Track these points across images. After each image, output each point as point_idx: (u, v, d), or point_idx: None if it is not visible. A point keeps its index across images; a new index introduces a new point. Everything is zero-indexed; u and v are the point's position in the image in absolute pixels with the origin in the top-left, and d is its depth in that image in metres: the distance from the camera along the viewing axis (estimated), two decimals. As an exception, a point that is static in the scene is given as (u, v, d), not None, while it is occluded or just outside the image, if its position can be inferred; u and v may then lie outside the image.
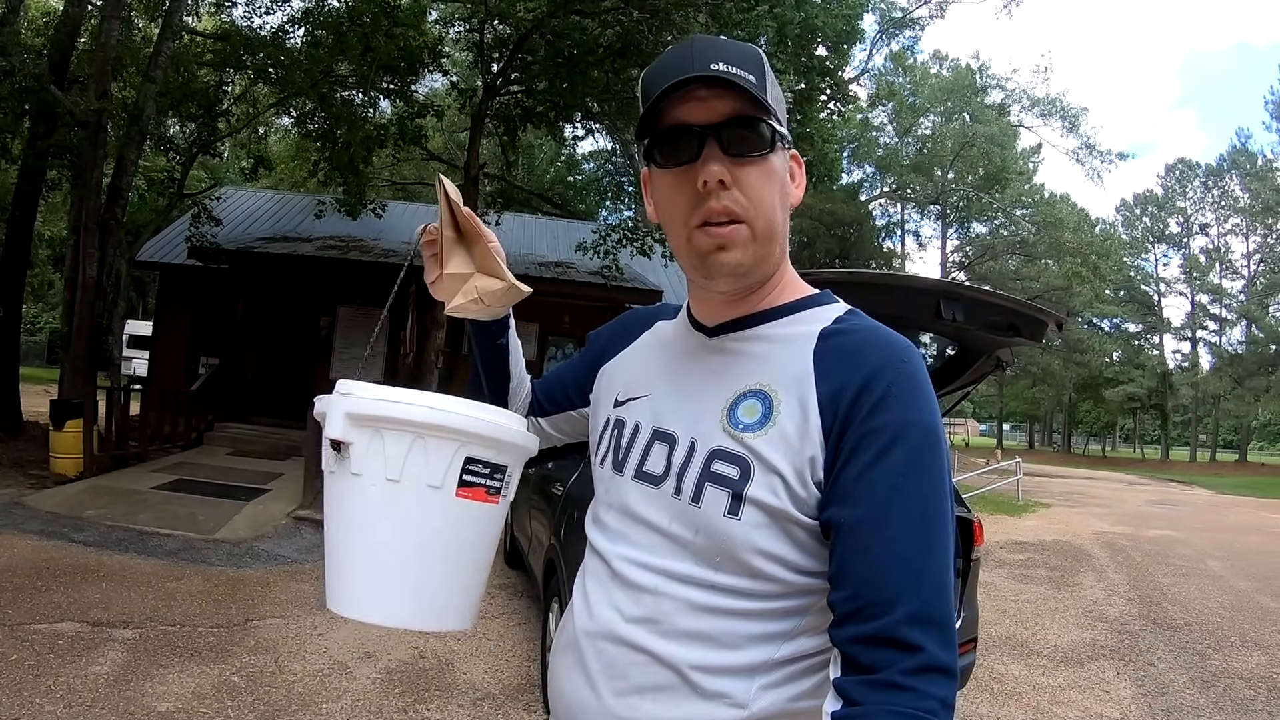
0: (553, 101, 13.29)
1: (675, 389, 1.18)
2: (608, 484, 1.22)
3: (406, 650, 5.41)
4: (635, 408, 1.22)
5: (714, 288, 1.13)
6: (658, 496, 1.12)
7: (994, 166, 43.30)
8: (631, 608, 1.09)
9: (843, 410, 1.01)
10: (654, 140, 1.10)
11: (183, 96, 14.03)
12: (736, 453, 1.05)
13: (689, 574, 1.06)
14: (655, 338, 1.31)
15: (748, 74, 1.05)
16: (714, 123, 1.05)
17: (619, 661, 1.08)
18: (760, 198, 1.07)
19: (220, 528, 8.07)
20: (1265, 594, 9.54)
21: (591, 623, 1.13)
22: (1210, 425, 64.42)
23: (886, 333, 1.09)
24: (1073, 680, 6.01)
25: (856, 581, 0.95)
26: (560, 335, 16.62)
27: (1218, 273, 59.72)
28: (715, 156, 1.04)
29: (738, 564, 1.04)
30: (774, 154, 1.08)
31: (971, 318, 3.50)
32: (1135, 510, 20.95)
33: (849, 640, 0.94)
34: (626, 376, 1.29)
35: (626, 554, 1.13)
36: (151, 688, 4.36)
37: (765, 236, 1.08)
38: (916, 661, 0.90)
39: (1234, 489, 35.01)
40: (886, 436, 0.98)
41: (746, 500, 1.03)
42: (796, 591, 1.04)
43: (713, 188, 1.04)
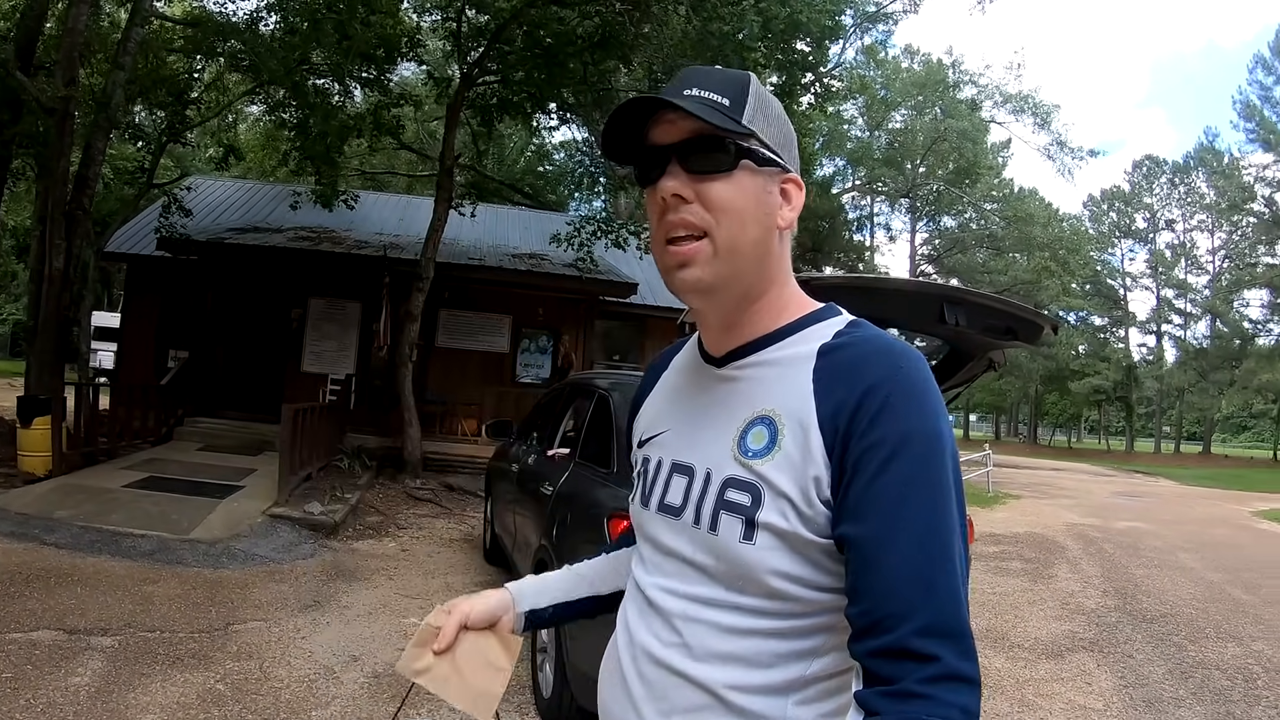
0: (529, 92, 13.18)
1: (690, 422, 1.21)
2: (639, 519, 1.26)
3: (392, 653, 5.30)
4: (657, 444, 1.26)
5: (687, 304, 1.17)
6: (679, 527, 1.14)
7: (965, 161, 43.70)
8: (667, 634, 1.12)
9: (843, 427, 1.01)
10: (636, 163, 1.15)
11: (152, 84, 13.79)
12: (747, 480, 1.07)
13: (715, 598, 1.09)
14: (673, 375, 1.33)
15: (721, 97, 1.09)
16: (675, 142, 1.10)
17: (659, 684, 1.11)
18: (723, 212, 1.08)
19: (195, 527, 7.90)
20: (1236, 586, 9.73)
21: (633, 648, 1.17)
22: (1174, 417, 65.44)
23: (885, 342, 1.09)
24: (1055, 672, 6.12)
25: (870, 596, 0.95)
26: (534, 328, 16.55)
27: (1183, 268, 60.78)
28: (673, 173, 1.09)
29: (759, 586, 1.05)
30: (741, 171, 1.09)
31: (972, 322, 3.52)
32: (1103, 502, 21.30)
33: (866, 654, 0.94)
34: (649, 417, 1.32)
35: (659, 583, 1.16)
36: (135, 698, 4.23)
37: (729, 252, 1.09)
38: (933, 670, 0.90)
39: (1198, 480, 35.60)
40: (888, 448, 0.98)
41: (759, 526, 1.04)
42: (820, 609, 1.05)
43: (671, 202, 1.09)
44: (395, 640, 5.58)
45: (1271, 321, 54.13)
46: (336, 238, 15.35)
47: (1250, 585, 9.84)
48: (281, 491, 9.16)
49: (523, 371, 16.45)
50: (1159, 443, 65.45)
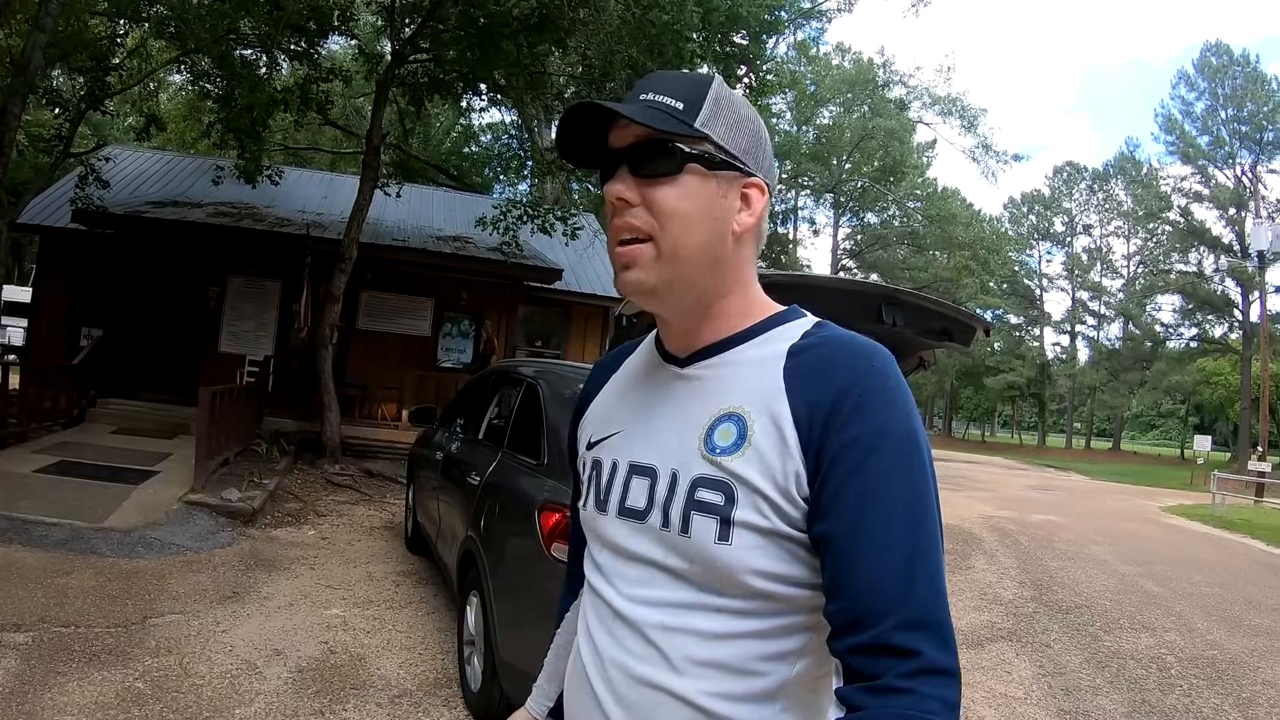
0: (461, 72, 12.98)
1: (647, 422, 1.18)
2: (594, 524, 1.21)
3: (315, 646, 5.20)
4: (608, 446, 1.22)
5: (640, 305, 1.15)
6: (645, 530, 1.11)
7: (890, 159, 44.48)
8: (641, 647, 1.08)
9: (818, 426, 1.00)
10: (599, 165, 1.15)
11: (73, 47, 13.26)
12: (718, 478, 1.04)
13: (692, 602, 1.05)
14: (625, 376, 1.30)
15: (675, 101, 1.08)
16: (624, 146, 1.09)
17: (640, 704, 1.07)
18: (668, 216, 1.07)
19: (109, 515, 7.63)
20: (1147, 579, 10.04)
21: (604, 667, 1.12)
22: (1085, 414, 67.52)
23: (856, 342, 1.08)
24: (975, 662, 6.21)
25: (849, 593, 0.95)
26: (457, 311, 16.38)
27: (1099, 272, 62.81)
28: (620, 177, 1.09)
29: (738, 587, 1.03)
30: (688, 176, 1.08)
31: (910, 323, 3.54)
32: (1017, 495, 21.86)
33: (846, 651, 0.94)
34: (598, 419, 1.29)
35: (627, 592, 1.11)
36: (51, 699, 4.06)
37: (672, 255, 1.08)
38: (914, 665, 0.90)
39: (1109, 476, 36.79)
40: (863, 447, 0.98)
41: (735, 524, 1.02)
42: (801, 607, 1.04)
43: (618, 206, 1.09)
44: (317, 632, 5.47)
45: (1182, 326, 56.23)
46: (258, 214, 14.95)
47: (1161, 578, 10.16)
48: (198, 477, 8.92)
49: (444, 356, 16.27)
50: (1070, 438, 67.50)
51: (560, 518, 3.83)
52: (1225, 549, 13.92)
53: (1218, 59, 49.54)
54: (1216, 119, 49.71)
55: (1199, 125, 50.60)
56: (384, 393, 15.29)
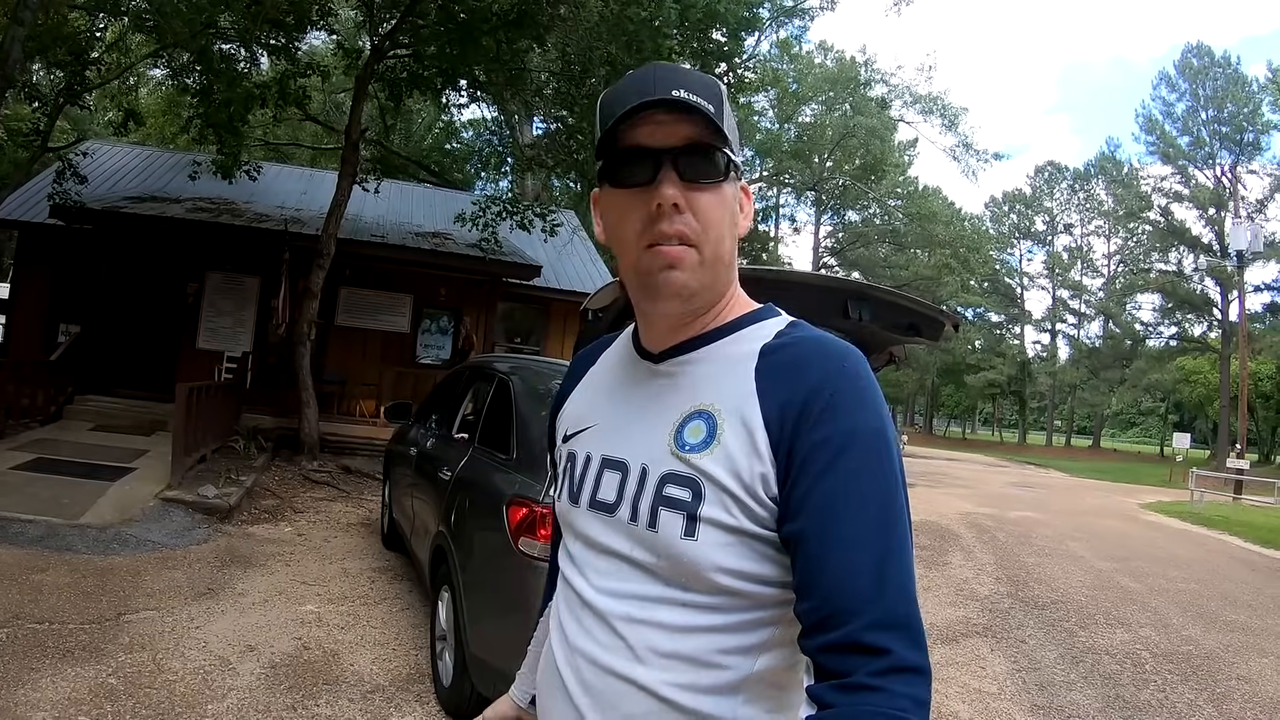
0: (440, 68, 12.95)
1: (621, 416, 1.19)
2: (567, 516, 1.22)
3: (289, 642, 5.22)
4: (583, 439, 1.23)
5: (659, 310, 1.14)
6: (615, 524, 1.12)
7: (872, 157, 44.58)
8: (607, 638, 1.09)
9: (789, 425, 1.01)
10: (612, 161, 1.10)
11: (52, 41, 13.16)
12: (686, 474, 1.06)
13: (658, 595, 1.07)
14: (603, 370, 1.31)
15: (707, 103, 1.06)
16: (672, 147, 1.06)
17: (606, 692, 1.08)
18: (711, 224, 1.08)
19: (85, 511, 7.61)
20: (1124, 574, 10.09)
21: (572, 655, 1.13)
22: (1066, 412, 67.84)
23: (827, 342, 1.09)
24: (950, 657, 6.26)
25: (819, 592, 0.95)
26: (435, 308, 16.27)
27: (1079, 270, 63.19)
28: (671, 180, 1.06)
29: (703, 582, 1.04)
30: (727, 183, 1.10)
31: (877, 318, 3.58)
32: (997, 491, 21.92)
33: (817, 649, 0.95)
34: (575, 412, 1.30)
35: (596, 583, 1.13)
36: (24, 695, 4.06)
37: (713, 262, 1.09)
38: (884, 663, 0.90)
39: (1088, 473, 36.96)
40: (834, 447, 0.99)
41: (701, 521, 1.03)
42: (765, 604, 1.05)
43: (667, 210, 1.06)
44: (291, 628, 5.48)
45: (1162, 324, 56.60)
46: (237, 210, 14.85)
47: (1138, 574, 10.22)
48: (175, 474, 8.89)
49: (423, 352, 16.17)
50: (1050, 436, 67.87)
51: (528, 512, 3.84)
52: (1203, 546, 13.97)
53: (1199, 60, 49.96)
54: (1197, 120, 50.11)
55: (1179, 126, 51.03)
56: (363, 389, 15.21)
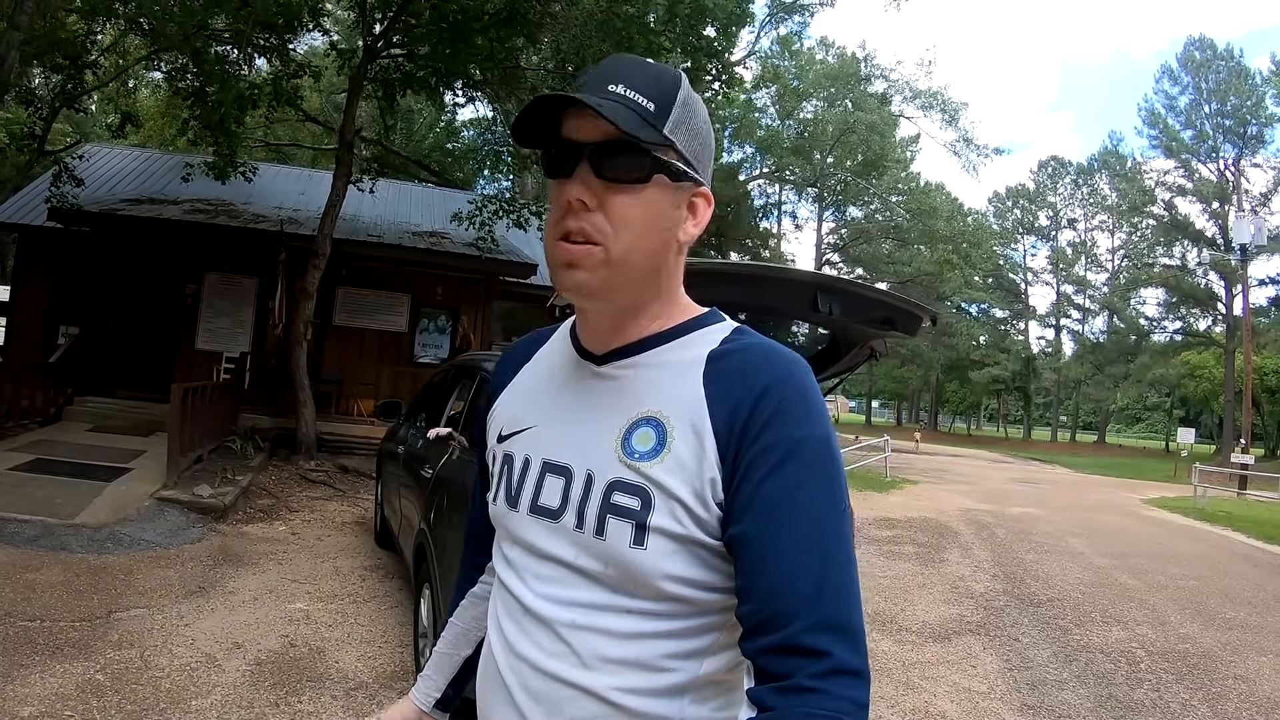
0: (434, 67, 12.97)
1: (563, 420, 1.17)
2: (504, 520, 1.19)
3: (276, 640, 5.27)
4: (521, 441, 1.20)
5: (570, 300, 1.13)
6: (559, 530, 1.10)
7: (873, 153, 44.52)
8: (551, 644, 1.08)
9: (737, 430, 1.01)
10: (546, 151, 1.09)
11: (49, 45, 13.21)
12: (635, 483, 1.05)
13: (604, 603, 1.06)
14: (539, 368, 1.28)
15: (646, 100, 1.04)
16: (591, 142, 1.04)
17: (550, 696, 1.07)
18: (623, 225, 1.05)
19: (80, 511, 7.69)
20: (1123, 571, 10.00)
21: (515, 661, 1.12)
22: (1071, 408, 67.68)
23: (774, 350, 1.09)
24: (941, 655, 6.21)
25: (760, 595, 0.96)
26: (433, 307, 16.29)
27: (1083, 265, 62.93)
28: (583, 177, 1.04)
29: (650, 590, 1.04)
30: (652, 186, 1.06)
31: (848, 311, 3.56)
32: (999, 488, 21.78)
33: (758, 652, 0.95)
34: (510, 411, 1.26)
35: (538, 590, 1.11)
36: (13, 690, 4.13)
37: (621, 263, 1.05)
38: (824, 665, 0.91)
39: (1093, 469, 36.76)
40: (779, 453, 0.99)
41: (650, 530, 1.03)
42: (711, 609, 1.05)
43: (575, 207, 1.04)
44: (279, 626, 5.53)
45: (1166, 319, 56.33)
46: (234, 210, 14.93)
47: (1137, 570, 10.11)
48: (170, 474, 8.96)
49: (421, 351, 16.19)
50: (1056, 432, 67.65)
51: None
52: (1204, 542, 13.81)
53: (1201, 53, 49.69)
54: (1200, 113, 49.81)
55: (1182, 119, 50.74)
56: (361, 388, 15.26)
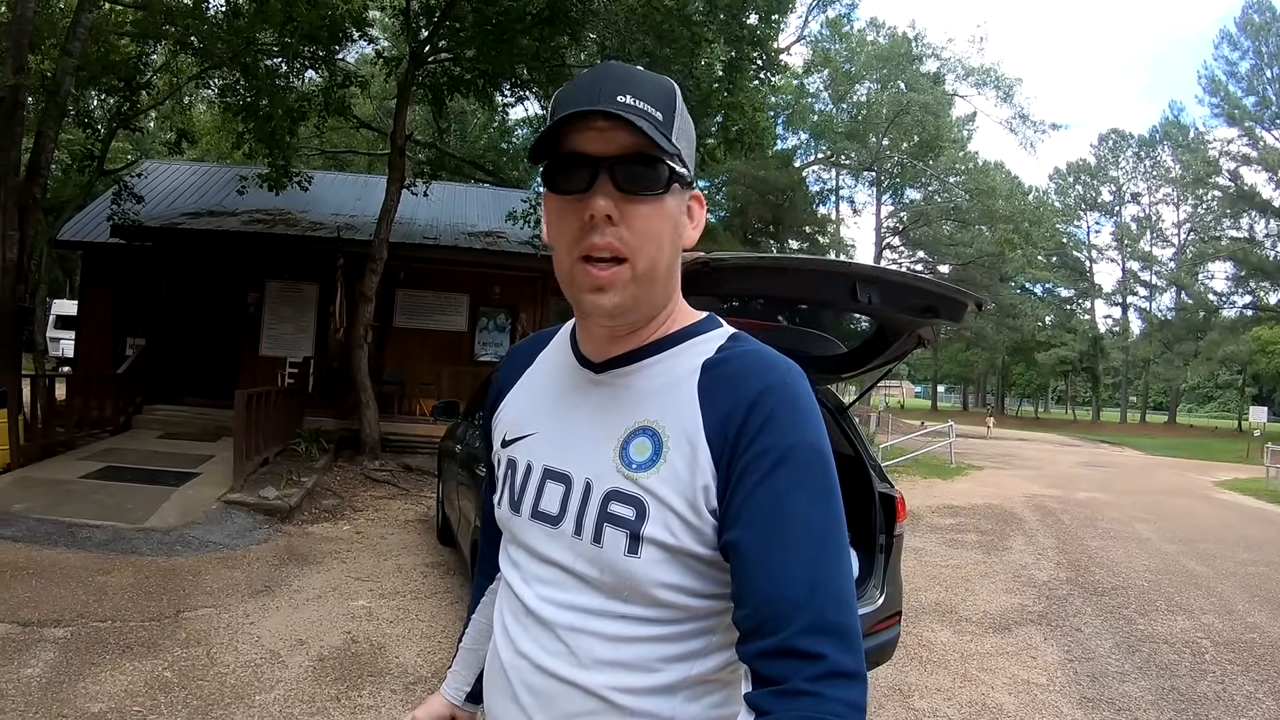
0: (481, 70, 13.10)
1: (563, 427, 1.18)
2: (508, 524, 1.23)
3: (339, 636, 5.39)
4: (524, 447, 1.22)
5: (590, 324, 1.15)
6: (558, 536, 1.13)
7: (928, 134, 43.83)
8: (551, 643, 1.11)
9: (730, 438, 1.03)
10: (550, 165, 1.07)
11: (102, 69, 13.60)
12: (631, 493, 1.07)
13: (599, 608, 1.09)
14: (541, 372, 1.29)
15: (655, 110, 1.04)
16: (609, 156, 1.03)
17: (548, 692, 1.10)
18: (647, 237, 1.05)
19: (150, 516, 7.91)
20: (1190, 557, 9.76)
21: (516, 658, 1.15)
22: (1140, 388, 66.12)
23: (768, 356, 1.09)
24: (1000, 646, 6.11)
25: (754, 600, 0.97)
26: (491, 306, 16.49)
27: (1148, 241, 61.37)
28: (605, 190, 1.03)
29: (644, 597, 1.06)
30: (668, 195, 1.07)
31: (888, 300, 3.51)
32: (1066, 472, 21.32)
33: (753, 656, 0.96)
34: (514, 415, 1.28)
35: (539, 592, 1.14)
36: (84, 688, 4.28)
37: (646, 277, 1.07)
38: (819, 669, 0.92)
39: (1163, 450, 35.80)
40: (772, 458, 1.00)
41: (644, 540, 1.05)
42: (704, 614, 1.07)
43: (599, 221, 1.03)
44: (342, 623, 5.65)
45: (1235, 294, 54.75)
46: (292, 219, 15.24)
47: (1205, 557, 9.90)
48: (237, 477, 9.18)
49: (482, 350, 16.39)
50: (1125, 413, 66.08)
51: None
52: (1276, 525, 13.42)
53: (1260, 16, 48.17)
54: (1262, 78, 48.47)
55: (1244, 86, 49.37)
56: (422, 388, 15.46)
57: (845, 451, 4.55)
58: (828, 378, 4.63)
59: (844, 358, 4.45)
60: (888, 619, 4.45)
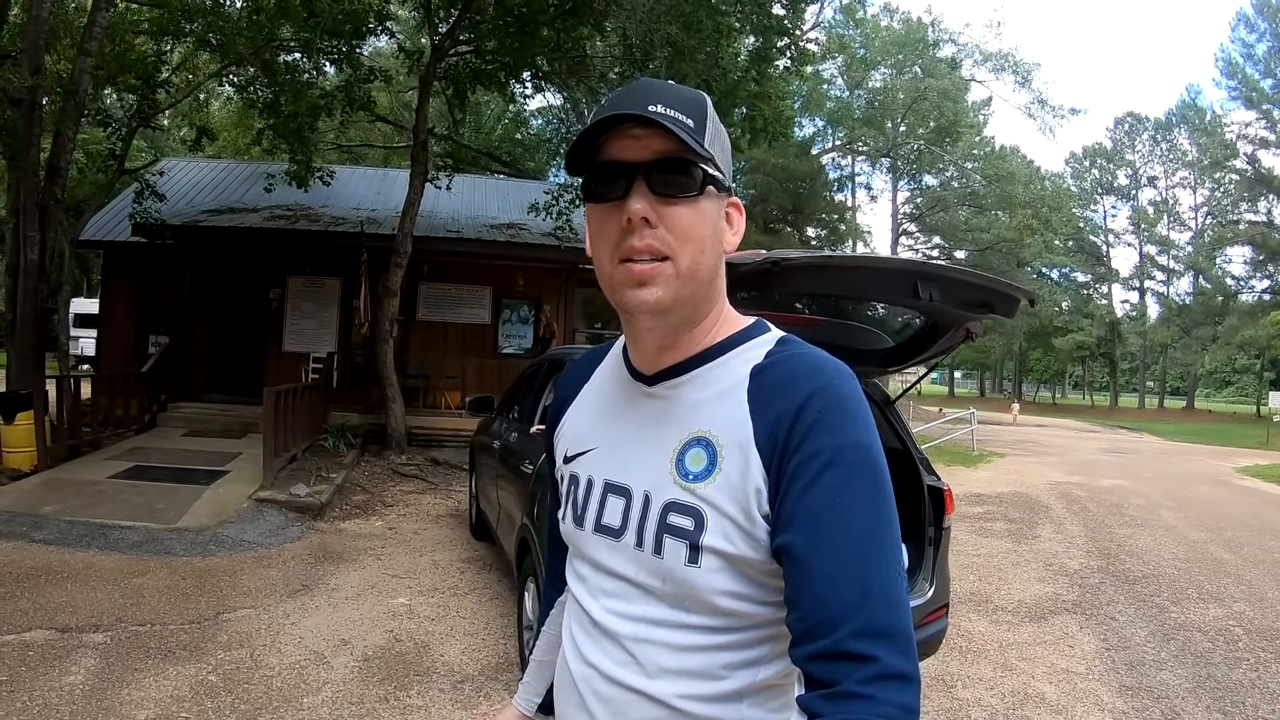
0: (502, 62, 13.03)
1: (620, 441, 1.21)
2: (573, 538, 1.25)
3: (381, 635, 5.35)
4: (585, 462, 1.25)
5: (635, 325, 1.15)
6: (621, 549, 1.15)
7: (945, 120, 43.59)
8: (618, 654, 1.14)
9: (780, 443, 1.03)
10: (589, 176, 1.11)
11: (120, 68, 13.57)
12: (689, 504, 1.08)
13: (663, 618, 1.11)
14: (597, 387, 1.32)
15: (687, 118, 1.07)
16: (644, 161, 1.06)
17: (616, 701, 1.13)
18: (686, 238, 1.08)
19: (182, 515, 7.89)
20: (1218, 545, 9.74)
21: (586, 668, 1.18)
22: (1158, 373, 65.80)
23: (816, 359, 1.10)
24: (1037, 636, 6.12)
25: (806, 602, 0.97)
26: (514, 298, 16.43)
27: (1166, 225, 61.02)
28: (641, 194, 1.06)
29: (705, 605, 1.08)
30: (704, 198, 1.09)
31: (947, 297, 3.54)
32: (1087, 459, 21.30)
33: (805, 659, 0.96)
34: (574, 431, 1.31)
35: (605, 605, 1.17)
36: (129, 694, 4.23)
37: (689, 275, 1.09)
38: (871, 671, 0.91)
39: (1182, 436, 35.75)
40: (821, 461, 1.00)
41: (704, 550, 1.06)
42: (763, 622, 1.09)
43: (636, 224, 1.06)
44: (383, 621, 5.61)
45: (1254, 278, 54.50)
46: (313, 214, 15.19)
47: (1232, 544, 9.86)
48: (267, 475, 9.15)
49: (505, 342, 16.37)
50: (1143, 398, 65.84)
51: None
52: (1301, 512, 13.32)
53: (1277, -1, 47.92)
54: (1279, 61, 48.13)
55: (1261, 68, 49.11)
56: (446, 382, 15.46)
57: (893, 445, 4.59)
58: (874, 371, 4.62)
59: (891, 351, 4.45)
60: (936, 611, 4.51)
